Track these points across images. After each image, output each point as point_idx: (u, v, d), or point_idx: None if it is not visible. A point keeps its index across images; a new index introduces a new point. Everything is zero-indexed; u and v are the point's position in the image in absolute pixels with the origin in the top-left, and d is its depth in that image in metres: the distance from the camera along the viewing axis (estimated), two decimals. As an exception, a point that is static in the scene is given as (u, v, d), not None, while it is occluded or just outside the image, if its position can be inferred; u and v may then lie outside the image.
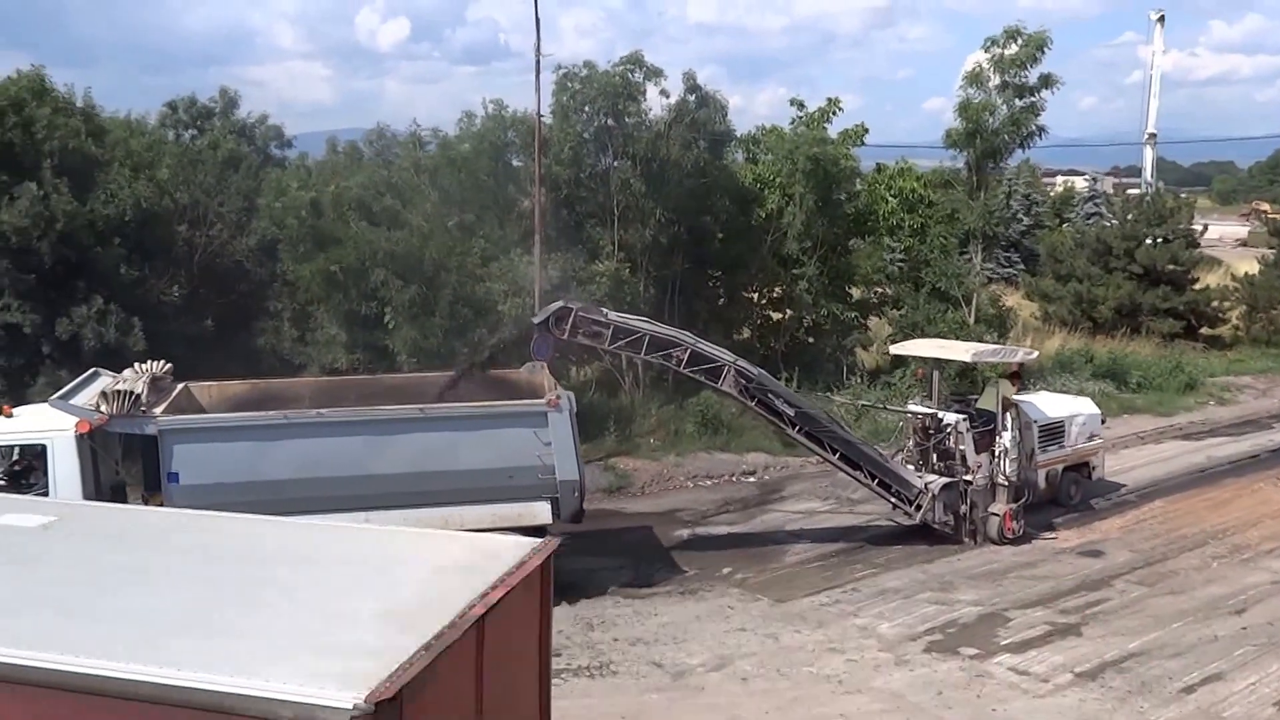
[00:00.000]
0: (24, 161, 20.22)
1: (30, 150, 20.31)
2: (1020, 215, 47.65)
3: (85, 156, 21.15)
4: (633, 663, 12.65)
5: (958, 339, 22.73)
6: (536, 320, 15.32)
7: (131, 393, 13.32)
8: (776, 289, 28.23)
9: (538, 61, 20.89)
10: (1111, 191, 61.38)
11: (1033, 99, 26.34)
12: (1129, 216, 35.46)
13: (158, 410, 13.83)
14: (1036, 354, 20.45)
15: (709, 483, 20.81)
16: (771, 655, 12.87)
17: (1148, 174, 44.66)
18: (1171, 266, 33.47)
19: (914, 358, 20.29)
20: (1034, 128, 26.38)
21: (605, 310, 15.62)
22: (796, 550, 16.77)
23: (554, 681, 11.98)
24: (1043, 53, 26.20)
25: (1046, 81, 26.20)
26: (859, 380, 26.12)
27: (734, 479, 21.05)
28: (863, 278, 28.55)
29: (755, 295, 28.48)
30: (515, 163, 24.56)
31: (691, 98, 23.98)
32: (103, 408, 13.32)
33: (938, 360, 18.21)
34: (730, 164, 26.96)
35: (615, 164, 23.57)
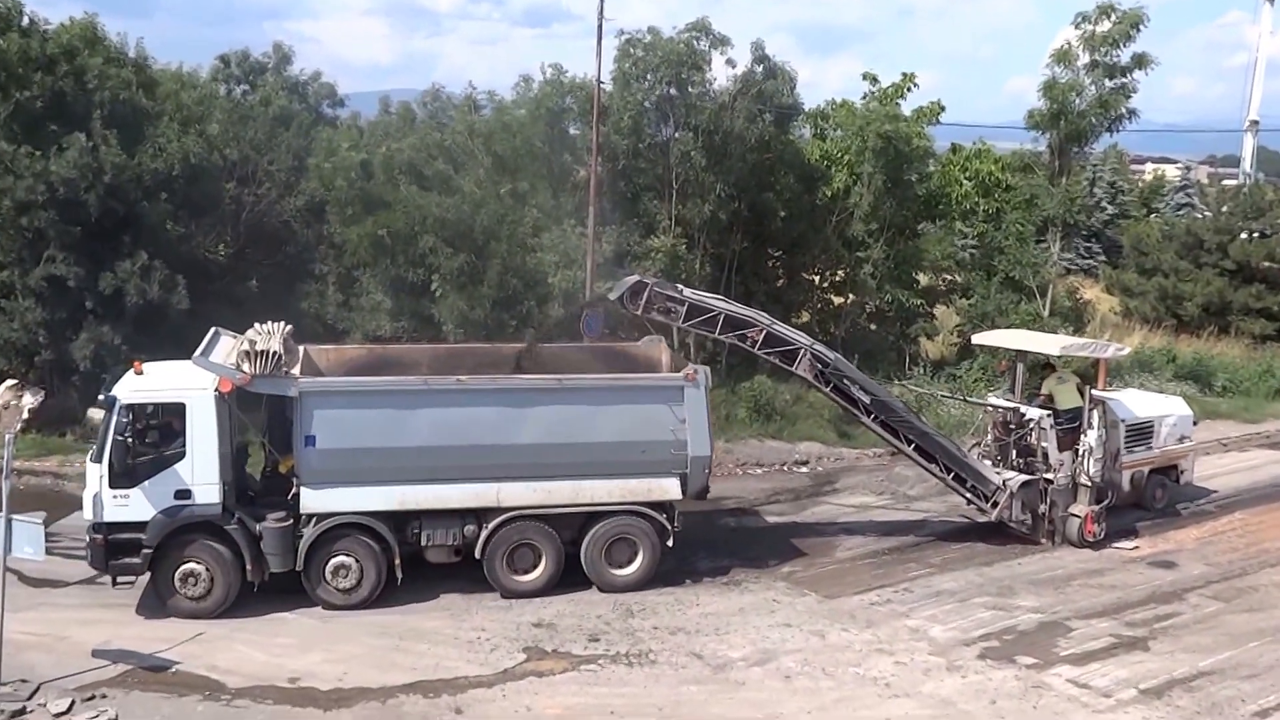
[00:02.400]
0: (74, 111, 20.49)
1: (81, 100, 20.56)
2: (1104, 203, 46.92)
3: (135, 108, 21.40)
4: (672, 652, 12.70)
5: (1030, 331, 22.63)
6: (612, 295, 15.56)
7: (274, 352, 13.59)
8: (839, 272, 28.12)
9: (600, 25, 21.08)
10: (1206, 181, 60.01)
11: (1124, 80, 25.98)
12: (1224, 208, 34.77)
13: (295, 371, 14.23)
14: (1127, 350, 20.14)
15: (759, 471, 20.87)
16: (816, 653, 12.84)
17: (1247, 164, 43.38)
18: (1268, 263, 32.79)
19: (996, 349, 20.00)
20: (1124, 110, 26.05)
21: (680, 287, 15.74)
22: (848, 545, 16.77)
23: (590, 668, 12.27)
24: (1137, 31, 25.84)
25: (1140, 62, 25.86)
26: (922, 371, 25.93)
27: (785, 468, 21.10)
28: (931, 264, 28.33)
29: (816, 278, 28.40)
30: (572, 130, 24.70)
31: (759, 68, 23.95)
32: (244, 366, 13.56)
33: (1021, 352, 18.02)
34: (796, 139, 26.93)
35: (676, 135, 23.70)
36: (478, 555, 14.31)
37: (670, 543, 14.78)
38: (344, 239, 23.00)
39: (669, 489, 14.49)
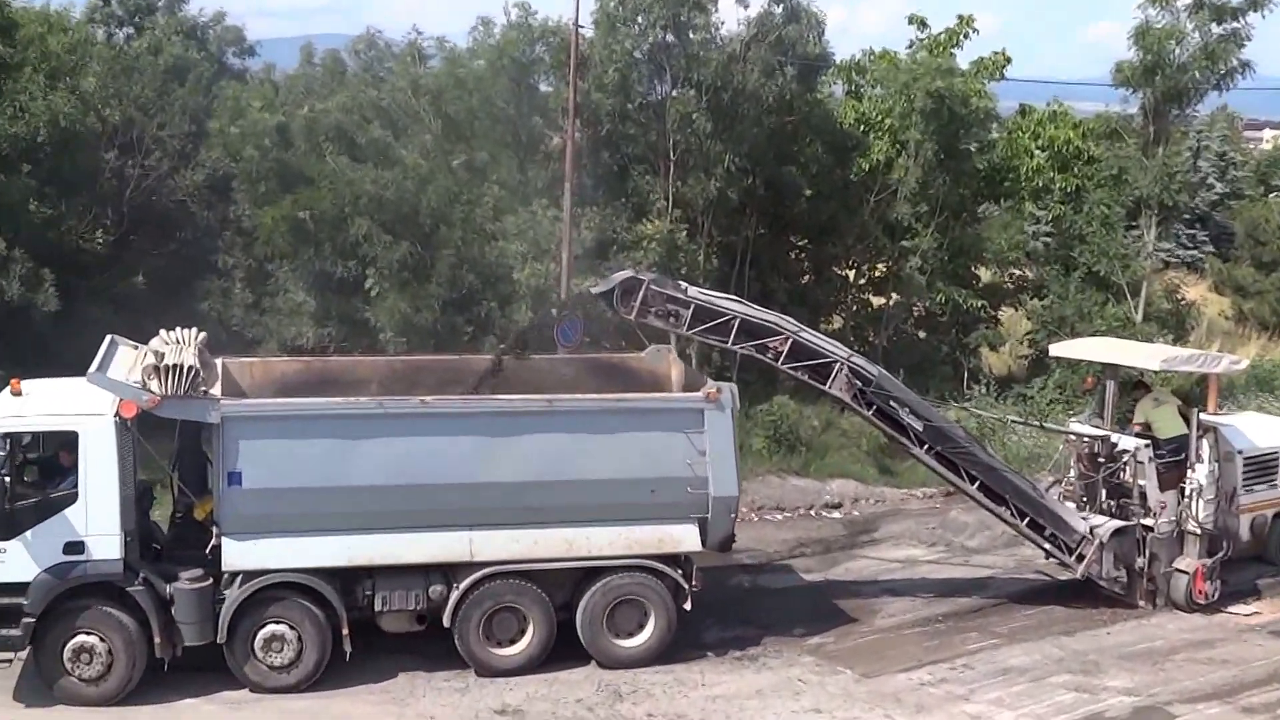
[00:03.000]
0: (-98, 62, 21.16)
1: (-90, 48, 21.14)
2: (1211, 180, 47.02)
3: (-12, 57, 22.00)
4: (671, 750, 13.23)
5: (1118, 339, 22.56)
6: (596, 291, 15.76)
7: (189, 367, 13.48)
8: (880, 266, 28.15)
9: (577, -46, 21.87)
10: (1340, 153, 60.95)
11: (1235, 25, 26.05)
12: (1366, 187, 36.33)
13: (215, 391, 14.20)
14: (1244, 363, 20.20)
15: (780, 516, 20.91)
16: (853, 747, 13.31)
17: (1396, 131, 44.77)
18: None
19: (1078, 362, 20.50)
20: (1235, 63, 26.12)
21: (684, 284, 15.82)
22: (891, 610, 16.80)
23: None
24: (1252, -39, 26.89)
25: (1255, 3, 25.89)
26: (984, 389, 25.93)
27: (813, 512, 21.20)
28: (995, 255, 28.39)
29: (851, 273, 28.50)
30: (543, 87, 24.84)
31: (778, 9, 23.99)
32: (153, 386, 13.42)
33: (1111, 367, 18.15)
34: (826, 99, 27.07)
35: (674, 93, 23.73)
36: (447, 623, 14.32)
37: (688, 605, 14.84)
38: (255, 223, 23.04)
39: (685, 538, 14.61)
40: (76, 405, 13.56)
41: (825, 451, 22.90)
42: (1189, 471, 16.99)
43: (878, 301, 27.97)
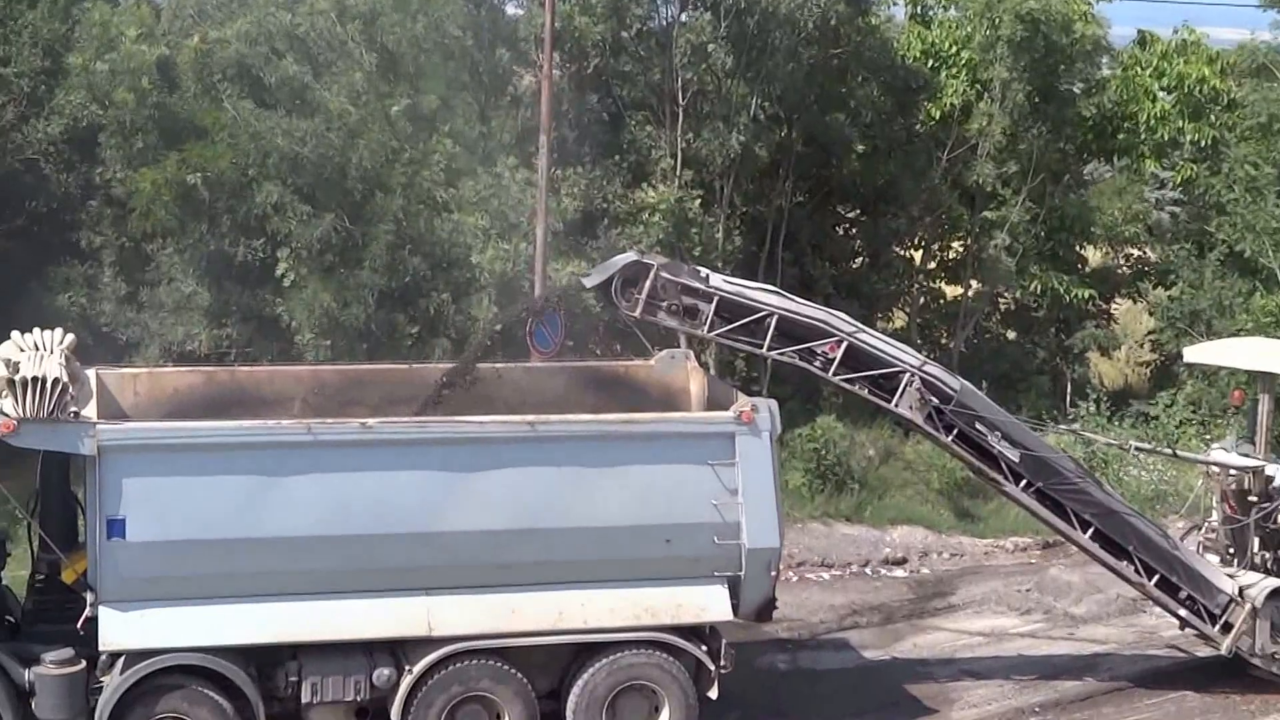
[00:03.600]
0: None
1: None
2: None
3: None
4: None
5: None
6: (590, 282, 15.76)
7: (55, 381, 13.27)
8: (955, 245, 28.27)
9: None
10: None
11: None
12: None
13: (88, 411, 14.06)
14: None
15: (827, 575, 20.88)
16: None
17: None
18: None
19: (1217, 369, 20.59)
20: None
21: (704, 271, 15.85)
22: (973, 699, 16.62)
23: None
24: None
25: None
26: (1094, 406, 25.82)
27: (869, 570, 21.14)
28: (1106, 230, 28.33)
29: (917, 254, 28.50)
30: (511, 9, 24.88)
31: (818, -96, 24.86)
32: (4, 406, 13.27)
33: (1266, 376, 17.89)
34: (883, 25, 26.93)
35: (684, 17, 23.74)
36: (396, 718, 14.09)
37: (713, 692, 14.70)
38: (130, 190, 22.66)
39: (711, 604, 14.49)
40: None
41: (884, 489, 22.89)
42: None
43: (952, 292, 27.91)
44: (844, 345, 15.50)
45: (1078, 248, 28.61)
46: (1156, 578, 16.53)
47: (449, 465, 14.05)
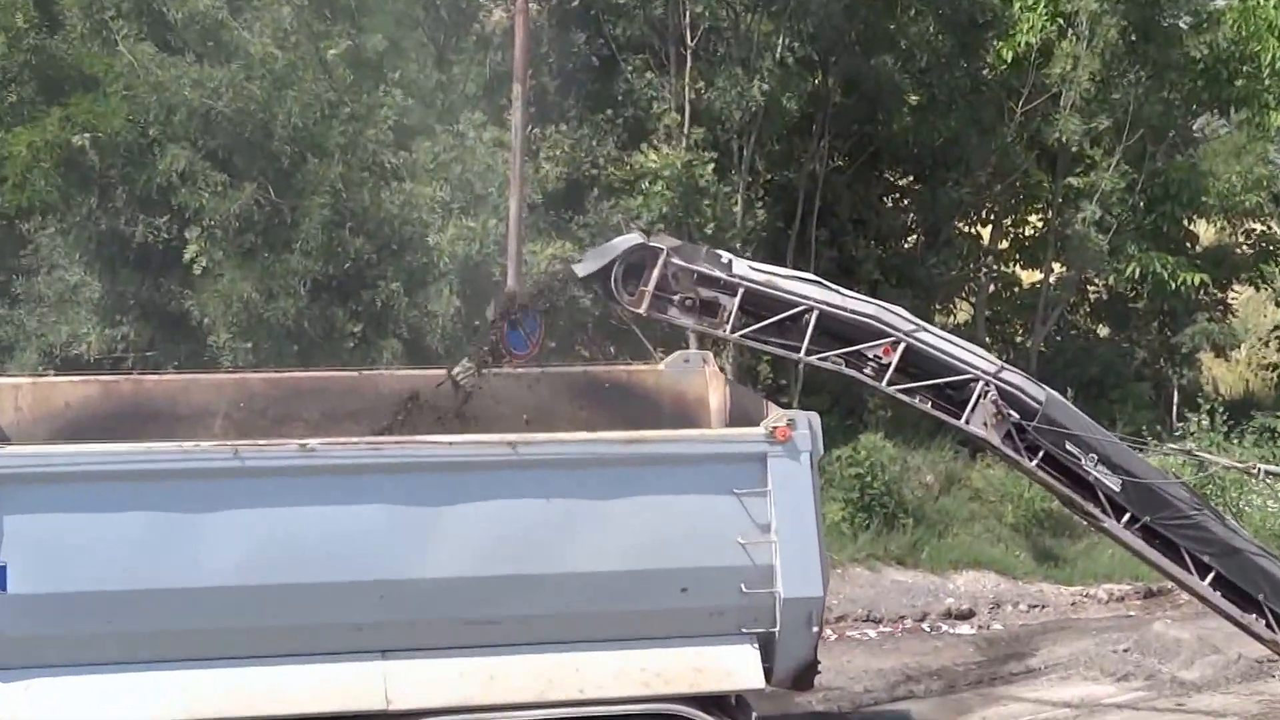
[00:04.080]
0: None
1: None
2: None
3: None
4: None
5: None
6: (584, 271, 15.63)
7: None
8: (1031, 217, 28.45)
9: None
10: None
11: None
12: None
13: None
14: None
15: (874, 632, 20.88)
16: None
17: None
18: None
19: None
20: None
21: (725, 256, 15.70)
22: None
23: None
24: None
25: None
26: (1209, 420, 25.75)
27: (927, 625, 21.17)
28: (1221, 200, 28.04)
29: (985, 230, 28.72)
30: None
31: None
32: None
33: None
34: (941, -55, 28.49)
35: (693, -63, 24.85)
36: None
37: None
38: (1, 155, 22.24)
39: (738, 668, 14.12)
40: None
41: (946, 525, 22.98)
42: None
43: (1029, 278, 27.97)
44: (901, 347, 15.33)
45: (1186, 222, 28.42)
46: None
47: (411, 498, 13.67)
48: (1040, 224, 28.09)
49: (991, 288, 28.46)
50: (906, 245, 27.87)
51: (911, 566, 22.15)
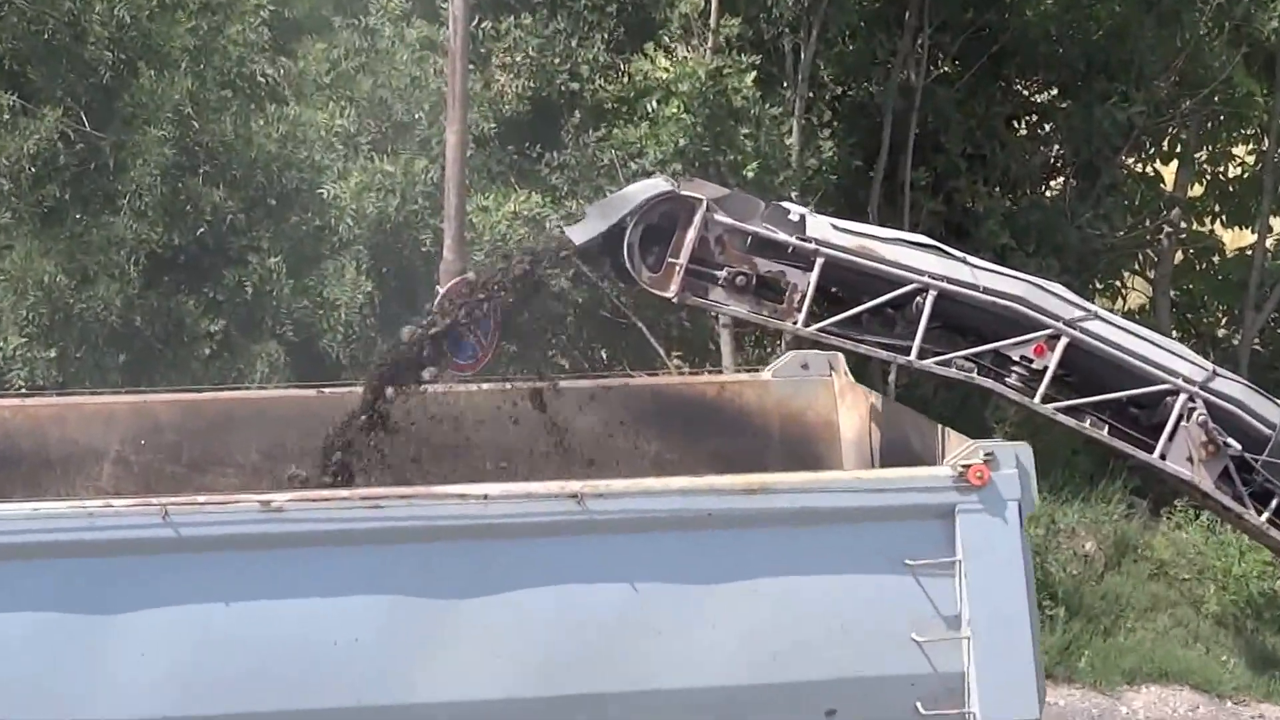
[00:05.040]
0: None
1: None
2: None
3: None
4: None
5: None
6: (583, 236, 15.09)
7: None
8: (1239, 149, 28.06)
9: None
10: None
11: None
12: None
13: None
14: None
15: None
16: None
17: None
18: None
19: None
20: None
21: (795, 209, 14.90)
22: None
23: None
24: None
25: None
26: None
27: None
28: None
29: (1168, 170, 28.17)
30: None
31: None
32: None
33: None
34: None
35: None
36: None
37: None
38: None
39: None
40: None
41: (1115, 617, 22.03)
42: None
43: (1236, 241, 27.42)
44: (1062, 344, 14.78)
45: None
46: None
47: (425, 581, 13.11)
48: (1252, 159, 27.14)
49: (1179, 255, 27.49)
50: (1049, 193, 27.01)
51: (1064, 680, 21.47)
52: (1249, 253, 27.47)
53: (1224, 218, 28.36)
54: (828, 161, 23.92)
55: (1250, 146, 27.63)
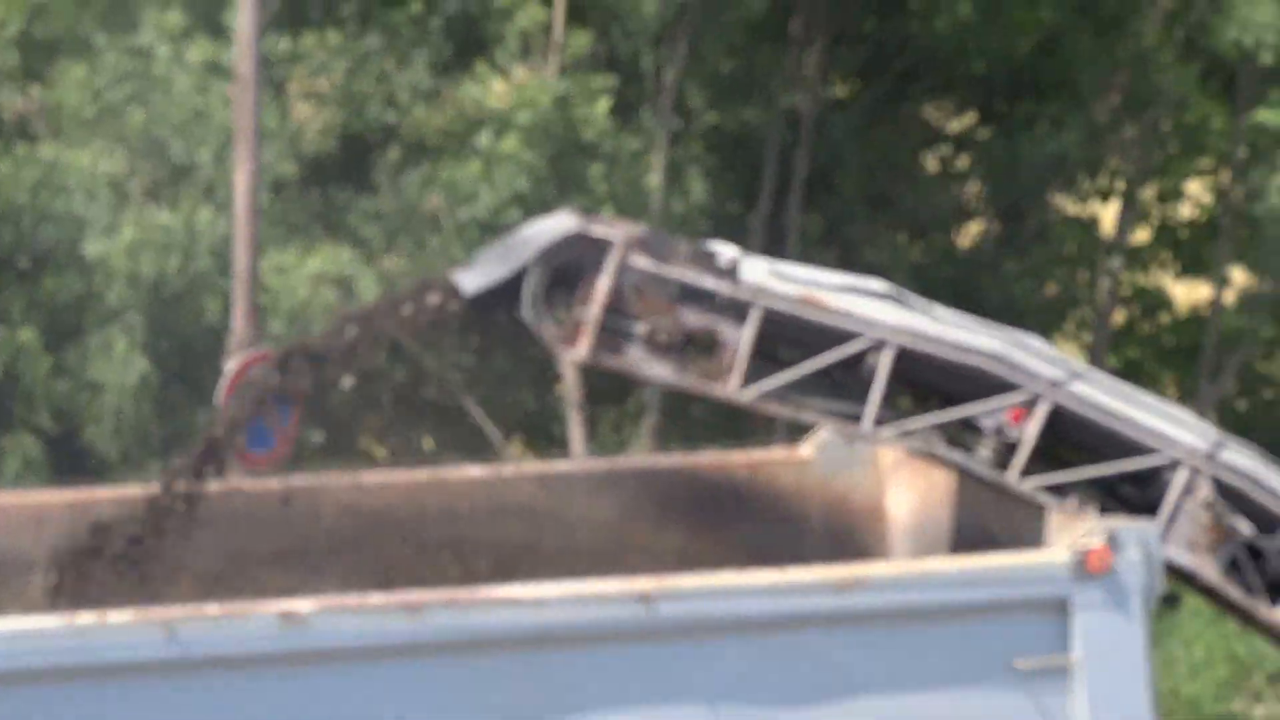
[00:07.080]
0: None
1: None
2: None
3: None
4: None
5: None
6: (475, 283, 14.53)
7: None
8: (1192, 184, 29.40)
9: None
10: None
11: None
12: None
13: None
14: None
15: None
16: None
17: None
18: None
19: None
20: None
21: (724, 252, 14.50)
22: None
23: None
24: None
25: None
26: None
27: None
28: None
29: (1107, 209, 28.99)
30: None
31: None
32: None
33: None
34: None
35: None
36: None
37: None
38: None
39: None
40: None
41: None
42: None
43: (1190, 295, 26.64)
44: (1043, 410, 14.41)
45: None
46: None
47: (477, 698, 13.39)
48: (1210, 197, 26.90)
49: (1121, 315, 27.40)
50: (964, 241, 26.79)
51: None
52: (1202, 312, 28.19)
53: (1174, 268, 29.31)
54: (697, 205, 24.48)
55: (1205, 181, 28.07)
